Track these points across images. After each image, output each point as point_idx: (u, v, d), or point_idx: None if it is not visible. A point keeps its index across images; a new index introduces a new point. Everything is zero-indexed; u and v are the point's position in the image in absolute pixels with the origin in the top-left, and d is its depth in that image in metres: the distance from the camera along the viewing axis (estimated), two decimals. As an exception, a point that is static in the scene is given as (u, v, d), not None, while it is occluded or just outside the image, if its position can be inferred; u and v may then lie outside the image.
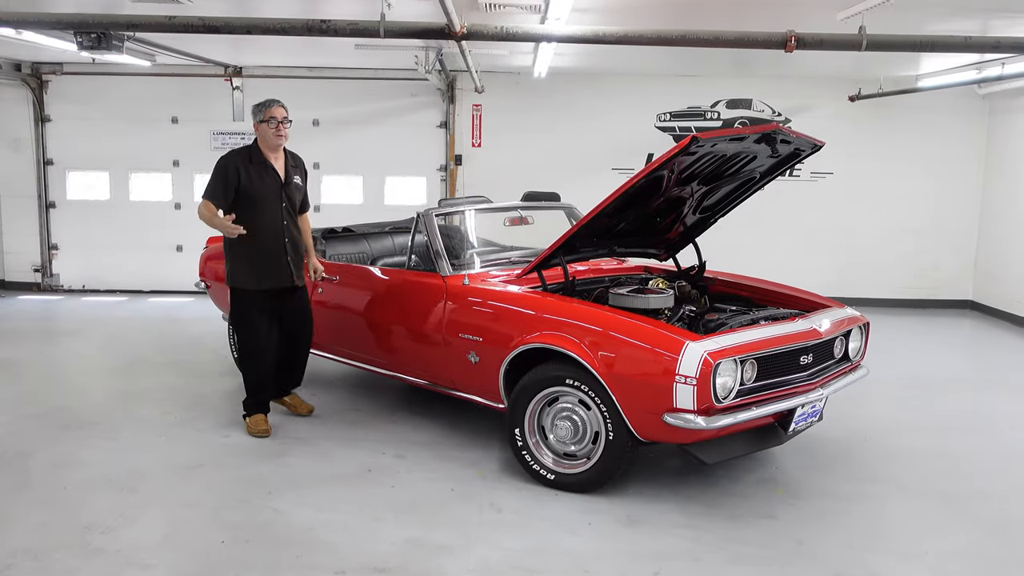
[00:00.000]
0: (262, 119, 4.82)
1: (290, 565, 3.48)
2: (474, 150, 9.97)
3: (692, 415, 3.80)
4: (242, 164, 4.80)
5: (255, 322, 4.96)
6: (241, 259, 4.88)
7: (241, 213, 4.74)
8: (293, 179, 4.98)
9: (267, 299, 4.96)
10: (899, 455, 4.97)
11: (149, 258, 10.11)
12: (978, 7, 5.56)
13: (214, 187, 4.78)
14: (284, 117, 4.85)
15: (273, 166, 4.89)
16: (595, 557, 3.62)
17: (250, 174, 4.80)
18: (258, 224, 4.79)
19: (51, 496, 4.14)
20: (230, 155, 4.85)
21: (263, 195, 4.82)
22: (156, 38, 7.40)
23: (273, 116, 4.80)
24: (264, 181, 4.84)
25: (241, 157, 4.83)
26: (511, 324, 4.45)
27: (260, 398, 5.09)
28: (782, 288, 5.21)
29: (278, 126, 4.81)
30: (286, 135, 4.88)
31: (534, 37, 4.78)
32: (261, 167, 4.85)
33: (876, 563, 3.64)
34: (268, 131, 4.81)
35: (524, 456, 4.36)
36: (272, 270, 4.90)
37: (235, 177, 4.75)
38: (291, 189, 4.96)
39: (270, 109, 4.82)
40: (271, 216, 4.85)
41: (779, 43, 4.63)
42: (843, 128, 9.80)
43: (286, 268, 4.92)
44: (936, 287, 10.22)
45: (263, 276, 4.89)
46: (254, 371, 5.04)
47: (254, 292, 4.91)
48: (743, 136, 4.30)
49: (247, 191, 4.78)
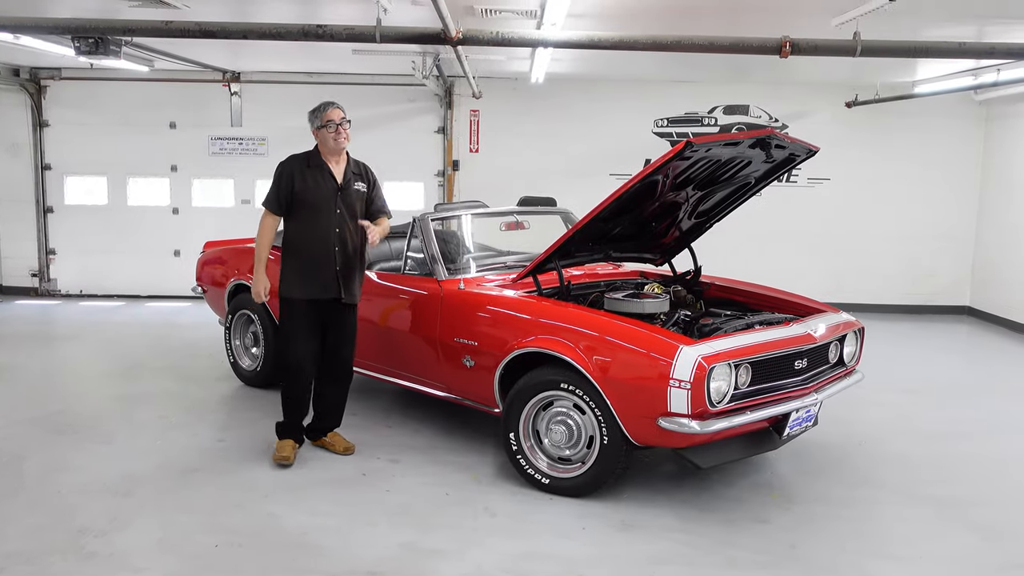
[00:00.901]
0: (320, 125, 4.53)
1: (283, 569, 3.48)
2: (472, 155, 9.99)
3: (686, 419, 3.80)
4: (297, 169, 4.55)
5: (296, 334, 4.60)
6: (291, 265, 4.60)
7: (296, 220, 4.56)
8: (353, 185, 4.63)
9: (313, 311, 4.59)
10: (894, 460, 4.97)
11: (147, 263, 10.12)
12: (973, 13, 5.57)
13: (270, 194, 4.59)
14: (342, 118, 4.54)
15: (331, 170, 4.58)
16: (589, 562, 3.62)
17: (305, 178, 4.53)
18: (310, 231, 4.54)
19: (45, 500, 4.14)
20: (288, 160, 4.62)
21: (317, 201, 4.53)
22: (154, 43, 7.41)
23: (331, 120, 4.50)
24: (319, 186, 4.54)
25: (298, 162, 4.59)
26: (506, 328, 4.45)
27: (294, 420, 4.72)
28: (777, 293, 5.23)
29: (337, 129, 4.51)
30: (347, 137, 4.56)
31: (529, 42, 4.81)
32: (317, 171, 4.56)
33: (870, 567, 3.64)
34: (327, 136, 4.52)
35: (519, 460, 4.36)
36: (318, 279, 4.55)
37: (289, 183, 4.52)
38: (349, 195, 4.60)
39: (326, 112, 4.52)
40: (324, 223, 4.53)
41: (774, 49, 4.65)
42: (840, 134, 9.83)
43: (333, 279, 4.55)
44: (933, 293, 10.23)
45: (308, 284, 4.55)
46: (289, 388, 4.70)
47: (299, 301, 4.57)
48: (737, 141, 4.32)
49: (301, 196, 4.52)
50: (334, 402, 4.85)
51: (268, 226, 4.60)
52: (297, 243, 4.56)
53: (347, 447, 4.82)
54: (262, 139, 9.97)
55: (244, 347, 6.27)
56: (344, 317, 4.69)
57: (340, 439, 4.87)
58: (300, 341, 4.60)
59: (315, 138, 4.62)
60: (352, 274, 4.64)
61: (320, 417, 4.86)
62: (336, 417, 4.90)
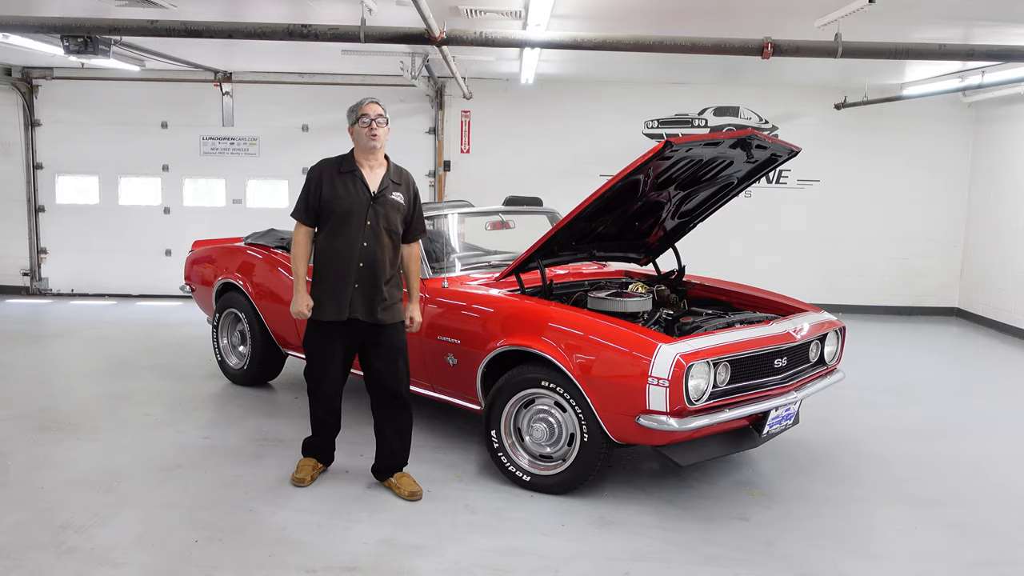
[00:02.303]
0: (354, 120, 4.11)
1: (261, 564, 3.50)
2: (463, 156, 10.02)
3: (665, 417, 3.83)
4: (328, 173, 4.11)
5: (317, 353, 4.20)
6: (315, 280, 4.17)
7: (325, 232, 4.13)
8: (389, 196, 4.12)
9: (334, 333, 4.15)
10: (876, 460, 5.00)
11: (138, 262, 10.14)
12: (958, 16, 5.61)
13: (298, 203, 4.16)
14: (379, 115, 4.09)
15: (364, 176, 4.10)
16: (566, 558, 3.64)
17: (335, 185, 4.07)
18: (336, 244, 4.08)
19: (28, 496, 4.15)
20: (318, 164, 4.18)
21: (346, 209, 4.04)
22: (144, 43, 7.44)
23: (365, 113, 4.06)
24: (350, 194, 4.06)
25: (329, 166, 4.15)
26: (488, 327, 4.48)
27: (317, 438, 4.39)
28: (760, 293, 5.26)
29: (371, 124, 4.05)
30: (382, 136, 4.11)
31: (513, 43, 4.83)
32: (349, 177, 4.09)
33: (845, 564, 3.66)
34: (361, 131, 4.07)
35: (500, 458, 4.38)
36: (335, 298, 4.07)
37: (317, 190, 4.08)
38: (383, 206, 4.09)
39: (362, 106, 4.10)
40: (351, 236, 4.05)
41: (756, 50, 4.69)
42: (829, 136, 9.89)
43: (352, 299, 4.06)
44: (922, 294, 10.28)
45: (326, 303, 4.10)
46: (312, 408, 4.34)
47: (317, 322, 4.16)
48: (718, 141, 4.35)
49: (330, 204, 4.06)
50: (393, 437, 4.30)
51: (299, 240, 4.16)
52: (323, 258, 4.14)
53: (413, 492, 4.20)
54: (253, 139, 10.00)
55: (231, 345, 6.29)
56: (382, 339, 4.15)
57: (408, 481, 4.27)
58: (318, 365, 4.21)
59: (351, 137, 4.18)
60: (377, 292, 4.09)
61: (382, 455, 4.35)
62: (399, 456, 4.34)
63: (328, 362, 4.20)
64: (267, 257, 5.95)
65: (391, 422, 4.29)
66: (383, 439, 4.32)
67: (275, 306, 5.77)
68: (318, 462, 4.43)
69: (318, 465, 4.43)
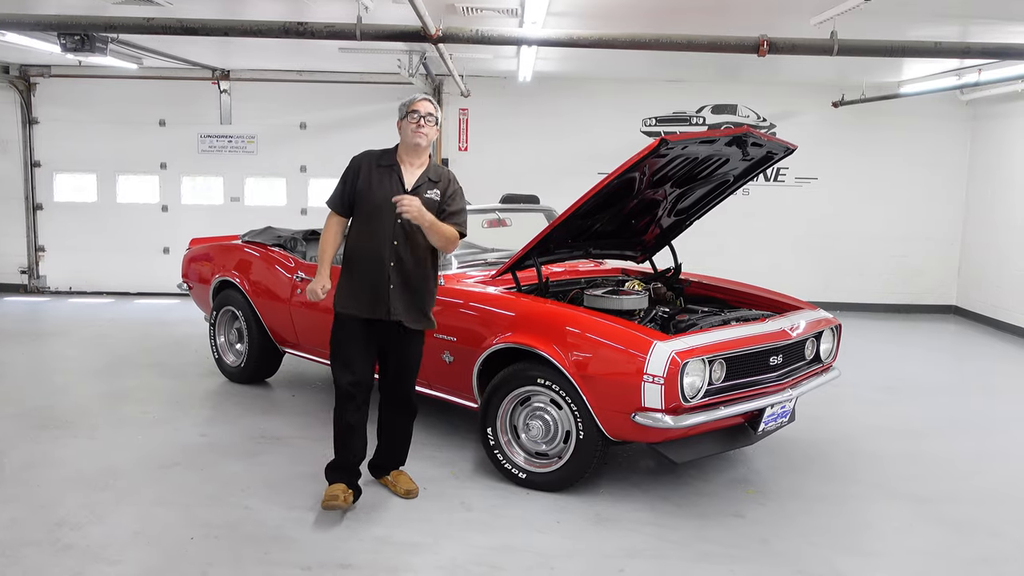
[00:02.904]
0: (404, 114, 4.01)
1: (257, 561, 3.51)
2: (461, 154, 10.02)
3: (660, 414, 3.84)
4: (367, 164, 4.01)
5: (341, 354, 4.03)
6: (344, 275, 4.05)
7: (356, 224, 4.03)
8: (424, 194, 3.95)
9: (364, 330, 4.00)
10: (872, 457, 5.01)
11: (136, 260, 10.15)
12: (954, 13, 5.62)
13: (335, 191, 4.06)
14: (429, 113, 3.98)
15: (400, 172, 3.99)
16: (562, 555, 3.65)
17: (371, 176, 3.98)
18: (366, 238, 3.98)
19: (24, 493, 4.16)
20: (360, 154, 4.10)
21: (378, 202, 3.93)
22: (141, 40, 7.44)
23: (415, 110, 3.95)
24: (383, 186, 3.95)
25: (369, 158, 4.05)
26: (485, 324, 4.48)
27: (341, 459, 4.09)
28: (756, 290, 5.26)
29: (419, 121, 3.94)
30: (428, 135, 3.98)
31: (509, 40, 4.83)
32: (386, 171, 3.99)
33: (840, 561, 3.67)
34: (407, 127, 3.96)
35: (496, 455, 4.39)
36: (366, 295, 3.95)
37: (353, 180, 3.99)
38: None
39: (414, 103, 3.99)
40: (382, 231, 3.93)
41: (752, 47, 4.69)
42: (827, 134, 9.89)
43: (384, 298, 3.93)
44: (920, 292, 10.28)
45: (355, 299, 3.98)
46: (336, 418, 4.08)
47: (346, 317, 4.01)
48: (713, 139, 4.35)
49: (364, 195, 3.96)
50: (395, 436, 4.28)
51: (331, 227, 4.07)
52: (352, 251, 4.03)
53: (409, 490, 4.21)
54: (251, 137, 10.00)
55: (228, 343, 6.29)
56: (404, 343, 4.06)
57: (405, 479, 4.27)
58: (345, 363, 4.02)
59: (398, 132, 4.05)
60: (409, 295, 3.98)
61: (381, 451, 4.32)
62: (398, 454, 4.33)
63: (359, 361, 4.01)
64: (264, 255, 5.96)
65: (397, 423, 4.24)
66: (384, 437, 4.27)
67: (272, 304, 5.77)
68: (347, 487, 4.03)
69: (348, 490, 4.02)
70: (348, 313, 4.00)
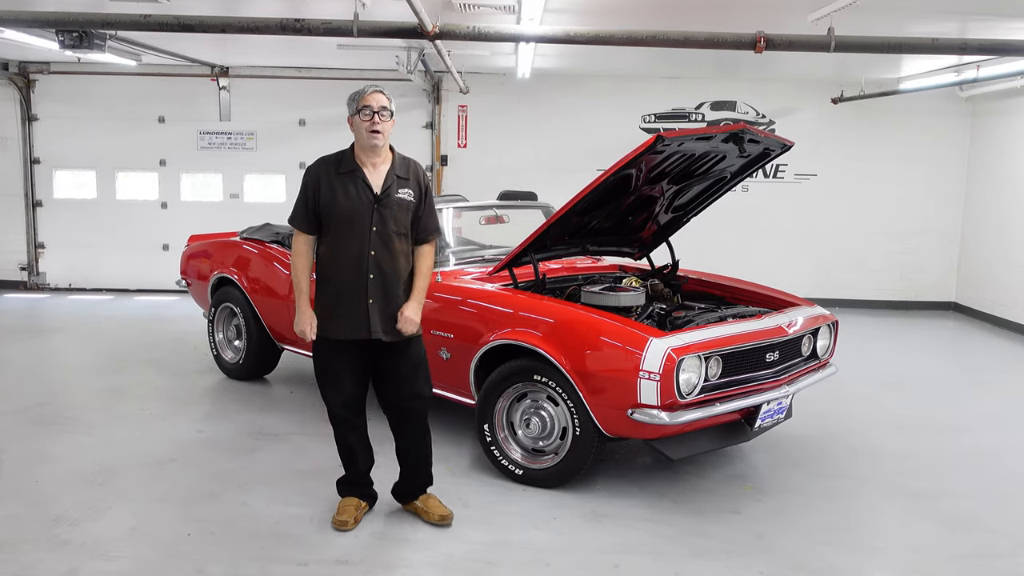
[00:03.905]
0: (354, 110, 3.62)
1: (253, 557, 3.52)
2: (460, 150, 10.02)
3: (656, 410, 3.84)
4: (325, 174, 3.65)
5: (330, 375, 3.75)
6: (320, 295, 3.72)
7: (326, 239, 3.70)
8: (395, 194, 3.65)
9: (348, 352, 3.71)
10: (869, 453, 5.01)
11: (135, 257, 10.15)
12: (952, 10, 5.62)
13: (295, 208, 3.71)
14: (382, 107, 3.59)
15: (364, 176, 3.64)
16: (557, 551, 3.66)
17: (333, 187, 3.63)
18: (339, 253, 3.65)
19: (22, 489, 4.17)
20: (314, 164, 3.72)
21: (347, 214, 3.61)
22: (140, 37, 7.44)
23: (367, 104, 3.57)
24: (350, 197, 3.61)
25: (326, 166, 3.68)
26: (482, 321, 4.49)
27: (350, 473, 3.93)
28: (754, 287, 5.26)
29: (373, 117, 3.56)
30: (384, 131, 3.62)
31: (506, 37, 4.83)
32: (349, 178, 3.64)
33: (835, 556, 3.68)
34: (361, 124, 3.60)
35: (493, 452, 4.39)
36: (346, 315, 3.64)
37: (315, 194, 3.65)
38: (389, 208, 3.64)
39: (364, 96, 3.60)
40: (356, 244, 3.61)
41: (749, 44, 4.69)
42: (826, 130, 9.88)
43: (365, 316, 3.62)
44: (919, 289, 10.28)
45: (336, 321, 3.67)
46: (337, 440, 3.89)
47: (328, 341, 3.70)
48: (710, 135, 4.35)
49: (329, 209, 3.62)
50: (413, 459, 3.93)
51: (299, 249, 3.72)
52: (325, 269, 3.70)
53: (443, 515, 3.86)
54: (251, 133, 10.00)
55: (227, 340, 6.30)
56: (395, 354, 3.73)
57: (435, 504, 3.92)
58: (333, 387, 3.76)
59: (350, 129, 3.70)
60: (393, 307, 3.66)
61: (404, 478, 3.99)
62: (423, 475, 3.98)
63: (346, 383, 3.74)
64: (262, 252, 5.96)
65: (410, 443, 3.91)
66: (403, 459, 3.95)
67: (270, 300, 5.78)
68: (360, 500, 3.92)
69: (361, 504, 3.90)
70: (328, 336, 3.69)
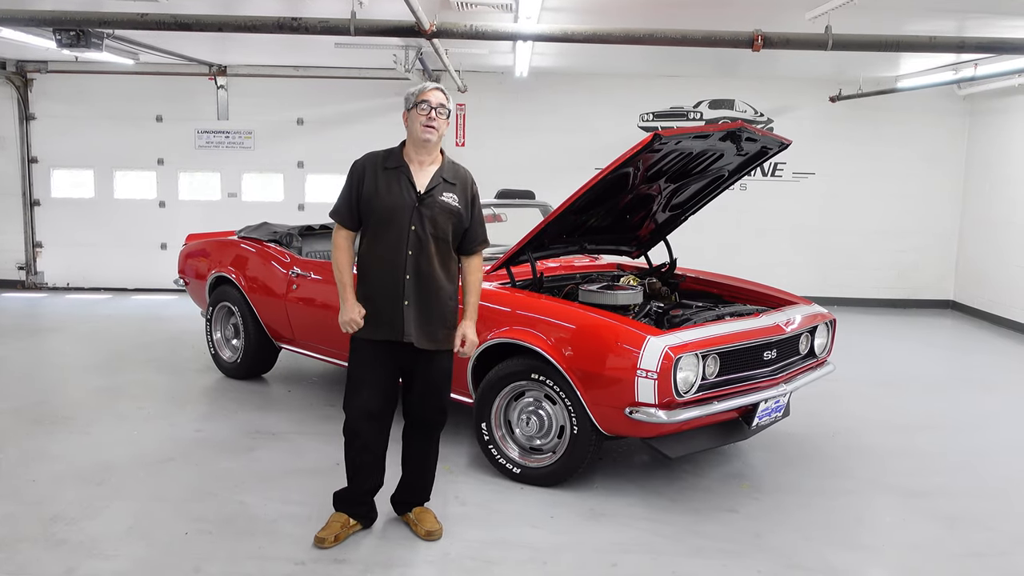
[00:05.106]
0: (412, 104, 3.52)
1: (251, 556, 3.52)
2: (458, 149, 10.01)
3: (653, 409, 3.84)
4: (371, 167, 3.54)
5: (358, 378, 3.62)
6: (360, 291, 3.61)
7: (367, 236, 3.59)
8: (439, 197, 3.52)
9: (383, 355, 3.58)
10: (867, 452, 5.02)
11: (133, 256, 10.15)
12: (949, 8, 5.62)
13: (338, 201, 3.61)
14: (440, 104, 3.50)
15: (409, 173, 3.52)
16: (555, 549, 3.66)
17: (377, 183, 3.51)
18: (379, 251, 3.54)
19: (19, 488, 4.17)
20: (362, 158, 3.61)
21: (389, 212, 3.49)
22: (138, 36, 7.43)
23: (426, 100, 3.48)
24: (392, 193, 3.49)
25: (373, 161, 3.58)
26: (479, 319, 4.46)
27: (351, 489, 3.75)
28: (751, 285, 5.27)
29: (430, 113, 3.47)
30: (440, 129, 3.51)
31: (504, 36, 4.83)
32: (393, 175, 3.52)
33: (832, 556, 3.68)
34: (418, 119, 3.48)
35: (491, 450, 4.39)
36: (381, 315, 3.52)
37: (358, 185, 3.54)
38: (431, 209, 3.50)
39: (425, 92, 3.52)
40: (395, 243, 3.49)
41: (746, 42, 4.69)
42: (824, 129, 9.89)
43: (399, 317, 3.50)
44: (917, 287, 10.29)
45: (375, 319, 3.54)
46: (347, 445, 3.72)
47: (363, 341, 3.58)
48: (707, 134, 4.35)
49: (371, 203, 3.51)
50: (417, 468, 3.84)
51: (340, 244, 3.62)
52: (365, 267, 3.58)
53: (430, 531, 3.73)
54: (248, 132, 9.99)
55: (225, 339, 6.30)
56: (425, 365, 3.61)
57: (428, 518, 3.79)
58: (355, 395, 3.63)
59: (404, 125, 3.59)
60: (428, 312, 3.53)
61: (405, 485, 3.88)
62: (420, 490, 3.87)
63: (374, 389, 3.61)
64: (260, 251, 5.96)
65: (419, 456, 3.81)
66: (408, 469, 3.86)
67: (268, 299, 5.78)
68: (350, 518, 3.74)
69: (349, 522, 3.72)
70: (363, 336, 3.58)
